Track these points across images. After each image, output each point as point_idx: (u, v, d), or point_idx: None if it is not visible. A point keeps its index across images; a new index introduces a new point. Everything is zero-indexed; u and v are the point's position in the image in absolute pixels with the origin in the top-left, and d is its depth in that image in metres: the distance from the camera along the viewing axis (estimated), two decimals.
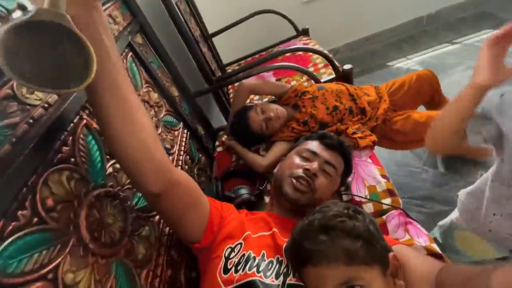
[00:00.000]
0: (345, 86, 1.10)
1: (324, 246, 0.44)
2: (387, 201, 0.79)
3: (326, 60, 1.23)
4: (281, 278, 0.50)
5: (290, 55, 1.61)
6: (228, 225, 0.61)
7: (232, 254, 0.55)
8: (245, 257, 0.53)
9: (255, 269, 0.51)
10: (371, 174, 0.86)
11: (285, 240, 0.56)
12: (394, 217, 0.76)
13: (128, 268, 0.48)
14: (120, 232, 0.49)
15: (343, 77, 1.17)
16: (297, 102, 1.08)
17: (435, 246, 0.66)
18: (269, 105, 1.03)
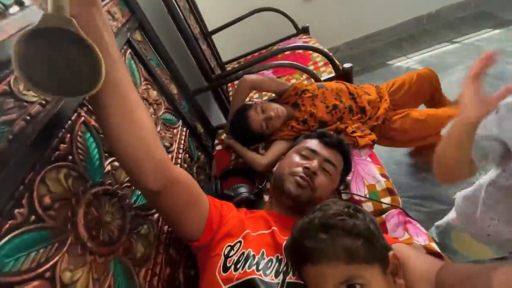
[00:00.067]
0: (345, 85, 1.09)
1: (324, 244, 0.44)
2: (387, 200, 0.79)
3: (326, 58, 1.22)
4: (281, 276, 0.50)
5: (290, 53, 1.60)
6: (228, 223, 0.61)
7: (232, 252, 0.55)
8: (245, 255, 0.53)
9: (254, 267, 0.51)
10: (371, 173, 0.86)
11: (284, 238, 0.56)
12: (393, 216, 0.76)
13: (126, 267, 0.47)
14: (119, 230, 0.48)
15: (343, 75, 1.16)
16: (296, 100, 1.07)
17: (434, 245, 0.66)
18: (269, 104, 1.03)
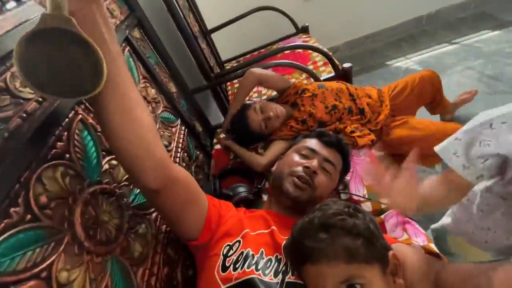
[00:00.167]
0: (346, 86, 1.08)
1: (324, 244, 0.44)
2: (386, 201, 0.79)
3: (325, 58, 1.22)
4: (280, 276, 0.49)
5: (289, 52, 1.60)
6: (227, 223, 0.60)
7: (231, 252, 0.55)
8: (244, 255, 0.53)
9: (253, 267, 0.50)
10: None
11: (284, 238, 0.55)
12: (392, 217, 0.75)
13: (124, 266, 0.47)
14: (116, 230, 0.48)
15: (343, 75, 1.16)
16: (296, 100, 1.07)
17: (433, 246, 0.66)
18: (268, 104, 1.02)
